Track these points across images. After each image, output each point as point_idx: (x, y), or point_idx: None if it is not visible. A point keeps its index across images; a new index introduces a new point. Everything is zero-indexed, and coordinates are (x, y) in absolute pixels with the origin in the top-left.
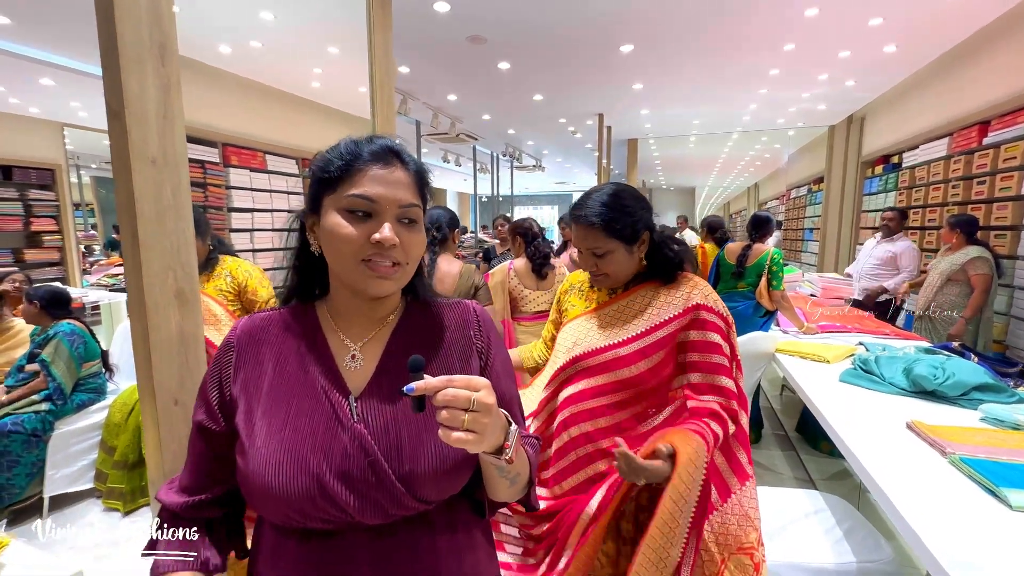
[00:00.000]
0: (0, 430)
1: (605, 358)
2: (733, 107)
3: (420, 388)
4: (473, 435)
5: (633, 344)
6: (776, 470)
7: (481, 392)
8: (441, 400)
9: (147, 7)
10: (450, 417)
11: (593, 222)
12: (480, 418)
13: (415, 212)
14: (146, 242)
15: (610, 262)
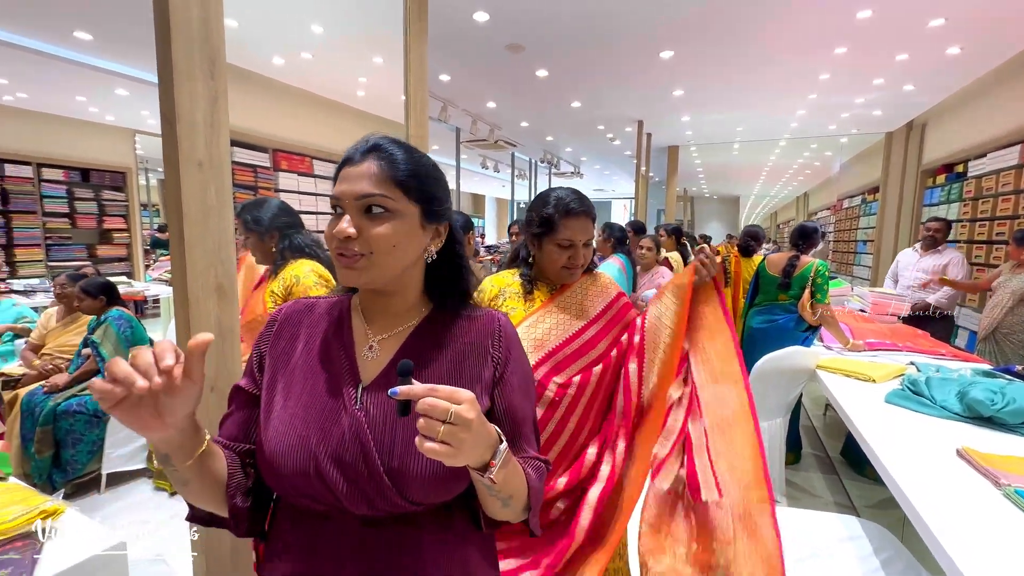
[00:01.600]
0: (67, 410)
1: (577, 344)
2: (780, 113)
3: (403, 393)
4: (447, 448)
5: (594, 326)
6: (815, 493)
7: (462, 406)
8: (420, 408)
9: (198, 26)
10: (426, 426)
11: (591, 214)
12: (457, 432)
13: (377, 201)
14: (191, 240)
15: (590, 250)
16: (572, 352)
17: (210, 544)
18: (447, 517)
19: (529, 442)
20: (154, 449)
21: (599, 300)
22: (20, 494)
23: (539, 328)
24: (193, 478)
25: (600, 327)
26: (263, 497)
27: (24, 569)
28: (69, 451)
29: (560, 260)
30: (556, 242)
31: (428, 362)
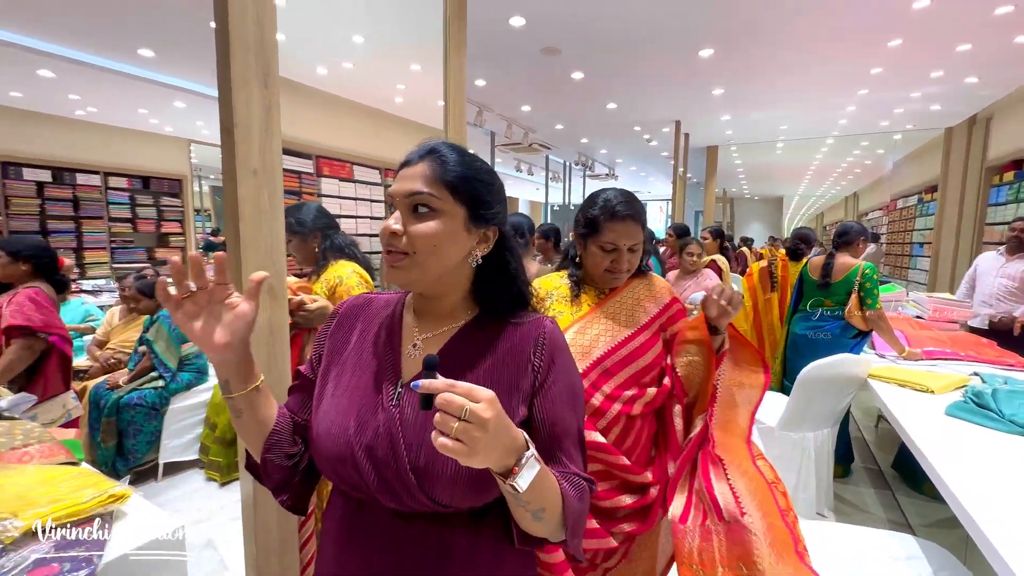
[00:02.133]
0: (128, 402)
1: (624, 353)
2: (827, 110)
3: (424, 386)
4: (461, 445)
5: (645, 332)
6: (866, 509)
7: (479, 404)
8: (437, 402)
9: (254, 39)
10: (441, 421)
11: (638, 218)
12: (472, 430)
13: (424, 199)
14: (245, 242)
15: (637, 256)
16: (620, 360)
17: (259, 531)
18: (480, 525)
19: (571, 457)
20: (217, 374)
21: (652, 305)
22: (92, 478)
23: (586, 335)
24: (245, 409)
25: (650, 335)
26: (310, 476)
27: (95, 550)
28: (130, 441)
29: (603, 263)
30: (600, 244)
31: (466, 366)
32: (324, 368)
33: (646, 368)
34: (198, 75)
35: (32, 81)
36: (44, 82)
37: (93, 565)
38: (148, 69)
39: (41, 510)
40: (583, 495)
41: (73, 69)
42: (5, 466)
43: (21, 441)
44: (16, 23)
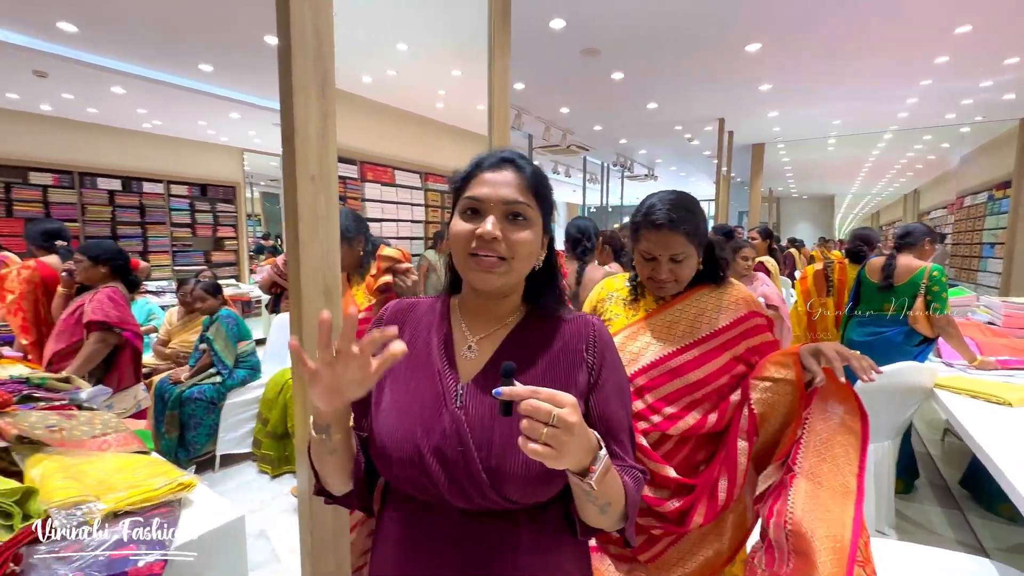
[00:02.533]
0: (189, 396)
1: (672, 365)
2: (886, 103)
3: (507, 394)
4: (550, 450)
5: (702, 346)
6: (931, 529)
7: (565, 409)
8: (523, 409)
9: (313, 49)
10: (529, 428)
11: (678, 228)
12: (560, 435)
13: (521, 208)
14: (303, 245)
15: (685, 267)
16: (667, 371)
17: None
18: (543, 519)
19: (625, 450)
20: (317, 422)
21: (719, 316)
22: (163, 467)
23: (637, 342)
24: (340, 448)
25: (709, 348)
26: (371, 479)
27: (167, 534)
28: (191, 432)
29: (644, 271)
30: (640, 252)
31: (524, 364)
32: None
33: (697, 383)
34: (251, 87)
35: (106, 98)
36: (116, 98)
37: (165, 548)
38: (207, 83)
39: (120, 494)
40: (640, 485)
41: (142, 85)
42: (88, 453)
43: (100, 430)
44: (96, 45)
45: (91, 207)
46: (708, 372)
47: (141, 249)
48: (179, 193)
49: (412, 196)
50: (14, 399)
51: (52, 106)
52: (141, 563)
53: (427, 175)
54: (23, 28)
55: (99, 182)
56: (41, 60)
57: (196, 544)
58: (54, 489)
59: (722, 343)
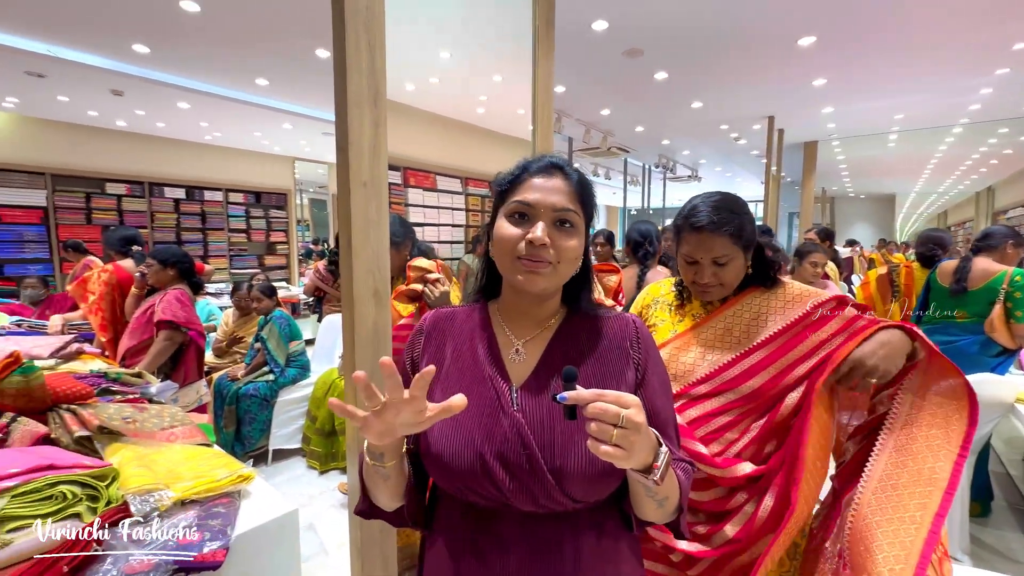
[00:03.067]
0: (245, 393)
1: (723, 379)
2: (955, 95)
3: (572, 398)
4: (621, 451)
5: (761, 350)
6: (1011, 556)
7: (631, 410)
8: (591, 412)
9: (367, 63)
10: (599, 430)
11: (720, 229)
12: (629, 435)
13: (570, 216)
14: (356, 249)
15: (730, 271)
16: (722, 383)
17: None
18: (601, 516)
19: (673, 442)
20: (371, 450)
21: (778, 318)
22: (224, 459)
23: (688, 353)
24: (393, 474)
25: (772, 350)
26: (420, 492)
27: (228, 523)
28: (246, 428)
29: (687, 276)
30: (682, 256)
31: (572, 364)
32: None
33: (753, 394)
34: (303, 99)
35: (172, 112)
36: (182, 113)
37: (227, 537)
38: (263, 96)
39: (187, 484)
40: (690, 477)
41: (204, 100)
42: (158, 444)
43: (169, 423)
44: (166, 64)
45: (159, 214)
46: (768, 378)
47: (202, 253)
48: (236, 200)
49: (453, 201)
50: (95, 391)
51: (127, 122)
52: (206, 549)
53: (468, 180)
54: (103, 51)
55: (166, 191)
56: (118, 80)
57: (254, 534)
58: (129, 476)
59: (782, 345)
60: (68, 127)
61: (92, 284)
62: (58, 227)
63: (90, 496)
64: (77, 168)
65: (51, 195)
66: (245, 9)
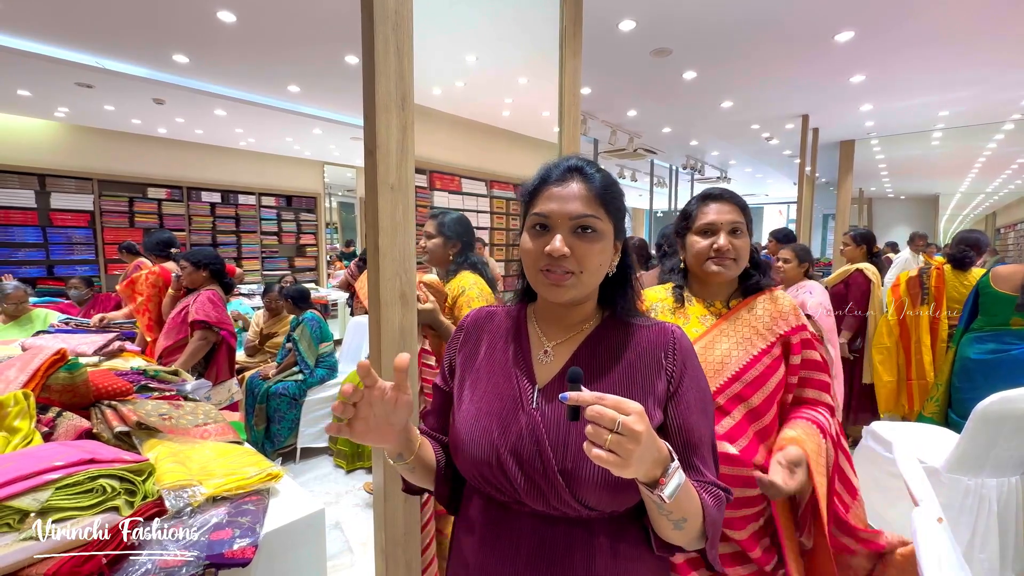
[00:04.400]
0: (275, 392)
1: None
2: (1005, 89)
3: (572, 399)
4: (615, 457)
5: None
6: None
7: (630, 417)
8: (588, 415)
9: (395, 68)
10: (594, 433)
11: (737, 200)
12: (625, 443)
13: (589, 222)
14: (383, 251)
15: (743, 243)
16: (752, 380)
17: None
18: (621, 528)
19: (707, 465)
20: (387, 452)
21: (779, 324)
22: (254, 457)
23: (715, 351)
24: (417, 466)
25: (768, 363)
26: (459, 479)
27: (257, 520)
28: (276, 426)
29: (704, 250)
30: (698, 231)
31: (599, 370)
32: (459, 378)
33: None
34: (333, 104)
35: (210, 119)
36: (218, 120)
37: (257, 534)
38: (294, 102)
39: (218, 480)
40: (720, 504)
41: (239, 107)
42: (192, 440)
43: (203, 420)
44: (204, 73)
45: (196, 218)
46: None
47: (236, 255)
48: (268, 204)
49: (478, 203)
50: (134, 388)
51: (167, 129)
52: (236, 546)
53: (492, 183)
54: (146, 62)
55: (203, 195)
56: (159, 89)
57: (282, 532)
58: (165, 472)
59: (776, 358)
60: (113, 135)
61: (140, 285)
62: (103, 230)
63: (128, 490)
64: (121, 174)
65: (97, 200)
66: (278, 18)
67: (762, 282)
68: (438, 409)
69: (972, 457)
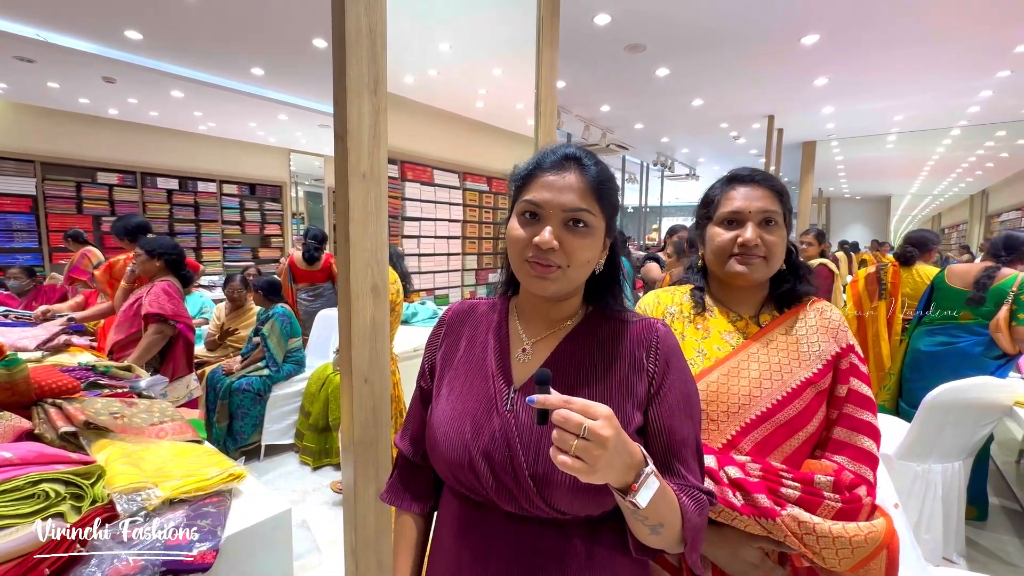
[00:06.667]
0: (238, 388)
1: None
2: (955, 97)
3: (539, 402)
4: (581, 463)
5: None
6: (1008, 559)
7: (597, 422)
8: (554, 419)
9: (367, 50)
10: (559, 438)
11: (769, 183)
12: (591, 448)
13: (582, 216)
14: (354, 242)
15: (775, 236)
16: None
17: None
18: (596, 532)
19: (689, 468)
20: None
21: (829, 345)
22: (215, 457)
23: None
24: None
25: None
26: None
27: (219, 523)
28: (238, 423)
29: (726, 245)
30: (720, 220)
31: (577, 370)
32: (439, 375)
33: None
34: (299, 89)
35: (166, 101)
36: (175, 102)
37: (218, 537)
38: (258, 86)
39: (176, 482)
40: (702, 509)
41: (199, 89)
42: (147, 440)
43: (158, 418)
44: (159, 51)
45: (151, 205)
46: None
47: (195, 245)
48: (230, 192)
49: (451, 195)
50: (82, 385)
51: (118, 110)
52: (195, 551)
53: (465, 175)
54: (95, 37)
55: (159, 182)
56: (110, 67)
57: (246, 534)
58: (116, 474)
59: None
60: (58, 114)
61: (118, 271)
62: (48, 216)
63: (74, 495)
64: (68, 156)
65: (40, 183)
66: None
67: (799, 289)
68: (421, 412)
69: (921, 444)
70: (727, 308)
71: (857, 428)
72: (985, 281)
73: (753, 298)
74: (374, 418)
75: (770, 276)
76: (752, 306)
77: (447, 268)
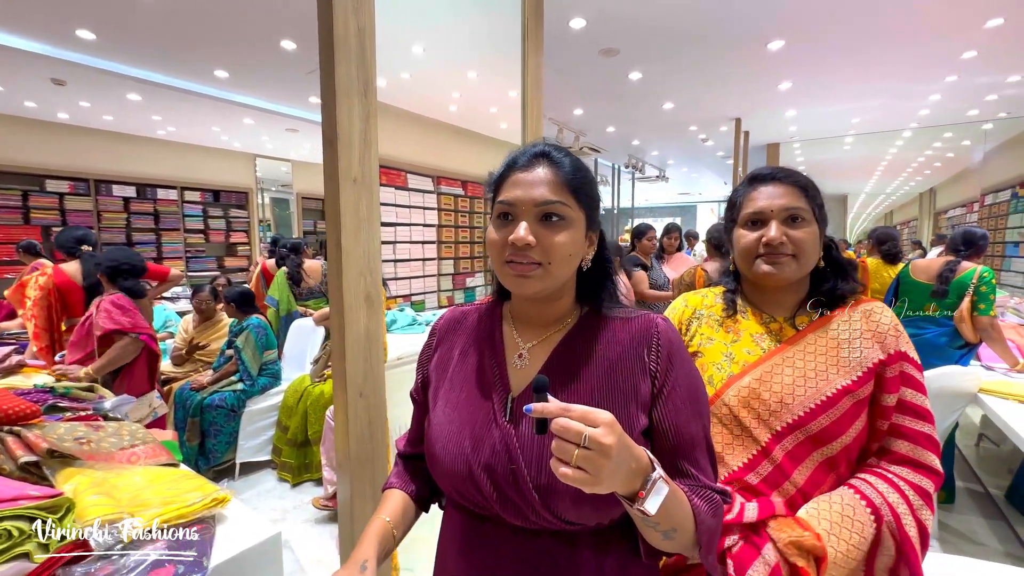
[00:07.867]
0: (209, 404)
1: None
2: (907, 100)
3: (537, 411)
4: (583, 474)
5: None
6: (976, 540)
7: (598, 430)
8: (553, 429)
9: (356, 51)
10: (559, 449)
11: (792, 179)
12: (594, 457)
13: (556, 208)
14: (346, 250)
15: (804, 232)
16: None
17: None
18: (606, 541)
19: (700, 468)
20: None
21: (873, 350)
22: (195, 481)
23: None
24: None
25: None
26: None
27: (204, 553)
28: (211, 441)
29: (751, 246)
30: (744, 221)
31: (577, 373)
32: (434, 387)
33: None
34: (266, 93)
35: (121, 105)
36: (132, 105)
37: (204, 569)
38: (222, 89)
39: (154, 511)
40: (716, 510)
41: (157, 92)
42: (118, 466)
43: (128, 442)
44: (113, 52)
45: (106, 214)
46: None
47: (156, 255)
48: (193, 199)
49: (424, 200)
50: (41, 409)
51: (69, 114)
52: None
53: (439, 179)
54: (42, 36)
55: (114, 189)
56: (59, 68)
57: (233, 563)
58: (88, 506)
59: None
60: (2, 119)
61: (30, 289)
62: None
63: (41, 532)
64: (12, 164)
65: None
66: None
67: (841, 288)
68: (418, 421)
69: None
70: (760, 310)
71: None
72: (947, 275)
73: (788, 299)
74: (370, 433)
75: (804, 275)
76: (787, 308)
77: (423, 273)
